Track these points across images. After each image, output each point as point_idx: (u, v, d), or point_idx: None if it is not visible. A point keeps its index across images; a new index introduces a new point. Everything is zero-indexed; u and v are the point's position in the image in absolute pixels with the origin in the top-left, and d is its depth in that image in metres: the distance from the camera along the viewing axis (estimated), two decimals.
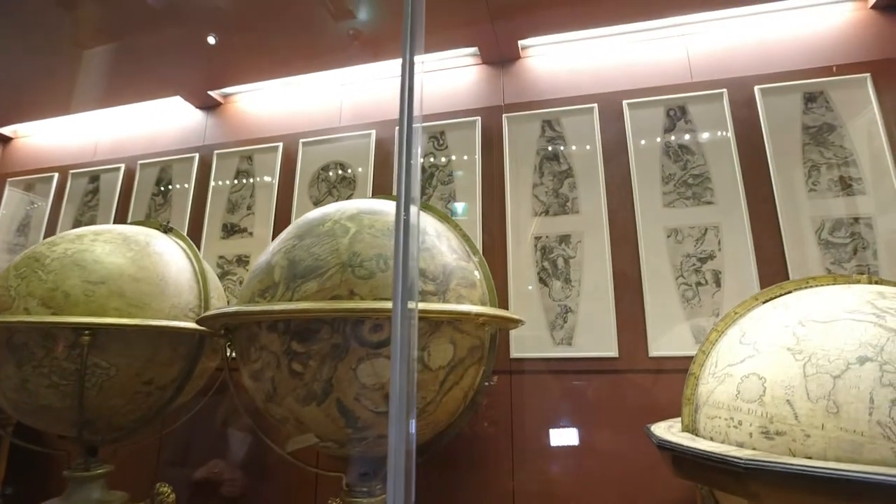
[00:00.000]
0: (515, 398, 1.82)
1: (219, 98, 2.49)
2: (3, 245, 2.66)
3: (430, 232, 1.31)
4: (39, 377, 1.46)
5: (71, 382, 1.46)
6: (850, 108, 1.79)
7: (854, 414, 0.89)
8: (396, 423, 0.76)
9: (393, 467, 0.75)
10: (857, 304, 1.04)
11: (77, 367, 1.45)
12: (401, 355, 0.79)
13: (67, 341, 1.46)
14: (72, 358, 1.46)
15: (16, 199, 2.78)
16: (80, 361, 1.44)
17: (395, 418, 0.77)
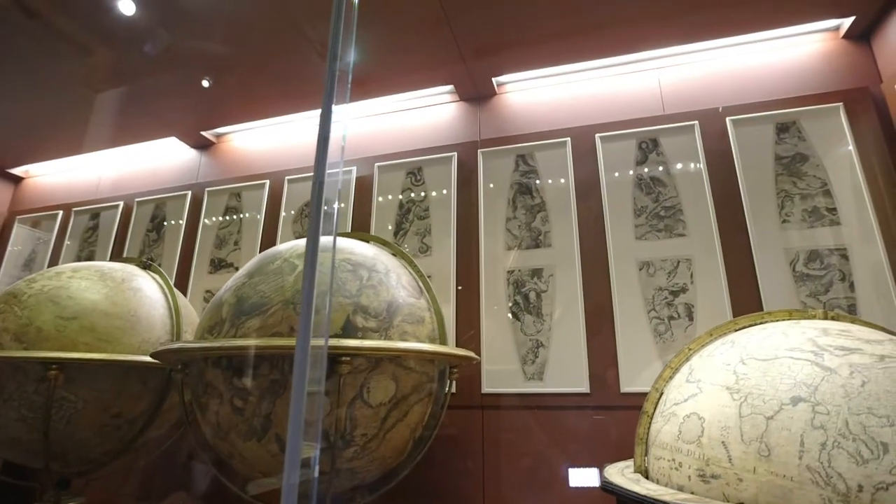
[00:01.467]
0: (487, 433, 1.79)
1: (212, 138, 2.61)
2: (10, 279, 2.79)
3: (378, 269, 1.32)
4: (9, 410, 1.51)
5: (39, 415, 1.50)
6: (824, 137, 1.76)
7: (784, 457, 0.85)
8: (291, 459, 0.77)
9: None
10: (799, 342, 1.01)
11: (45, 400, 1.49)
12: (295, 393, 0.80)
13: (37, 375, 1.51)
14: (40, 391, 1.50)
15: (24, 235, 2.92)
16: (47, 395, 1.48)
17: (290, 456, 0.77)
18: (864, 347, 0.94)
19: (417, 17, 1.84)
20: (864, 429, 0.81)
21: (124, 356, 1.53)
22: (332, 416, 1.13)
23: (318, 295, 1.22)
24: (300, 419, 0.82)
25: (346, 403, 1.15)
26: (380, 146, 2.30)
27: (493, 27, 1.86)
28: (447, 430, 1.82)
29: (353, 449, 1.18)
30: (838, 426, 0.83)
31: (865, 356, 0.92)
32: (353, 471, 1.22)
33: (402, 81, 2.16)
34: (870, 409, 0.83)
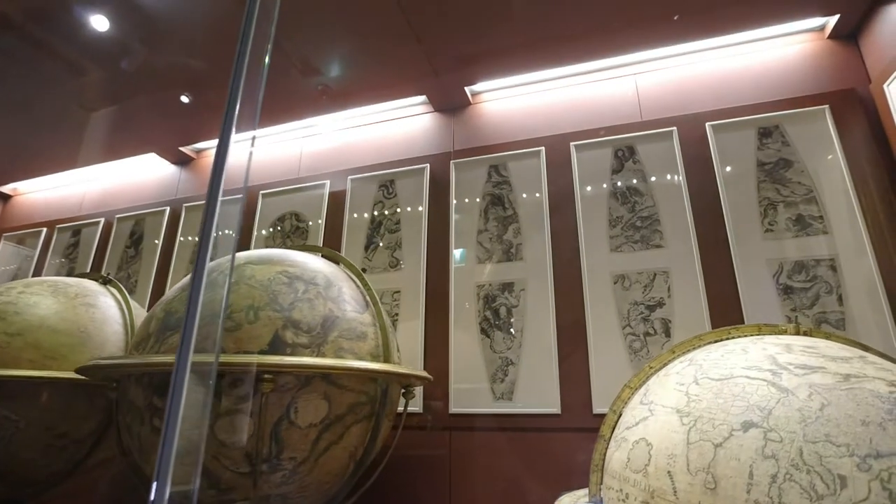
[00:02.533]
0: (455, 456, 1.69)
1: (191, 153, 2.60)
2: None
3: (318, 282, 1.25)
4: None
5: None
6: (809, 141, 1.66)
7: (731, 490, 0.74)
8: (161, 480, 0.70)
9: None
10: (758, 360, 0.90)
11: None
12: (171, 414, 0.73)
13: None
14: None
15: (10, 252, 2.93)
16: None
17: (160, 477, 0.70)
18: (827, 366, 0.83)
19: (383, 29, 1.81)
20: (821, 459, 0.70)
21: (64, 373, 1.48)
22: (254, 437, 1.05)
23: (245, 310, 1.16)
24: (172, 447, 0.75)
25: (271, 424, 1.07)
26: (354, 159, 2.26)
27: (463, 37, 1.81)
28: (414, 451, 1.73)
29: (282, 473, 1.10)
30: (791, 456, 0.72)
31: (828, 375, 0.81)
32: (284, 497, 1.13)
33: (374, 93, 2.12)
34: (828, 437, 0.72)
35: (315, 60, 2.09)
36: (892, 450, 0.69)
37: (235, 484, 1.08)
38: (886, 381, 0.78)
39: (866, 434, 0.71)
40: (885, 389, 0.77)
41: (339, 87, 2.14)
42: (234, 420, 1.06)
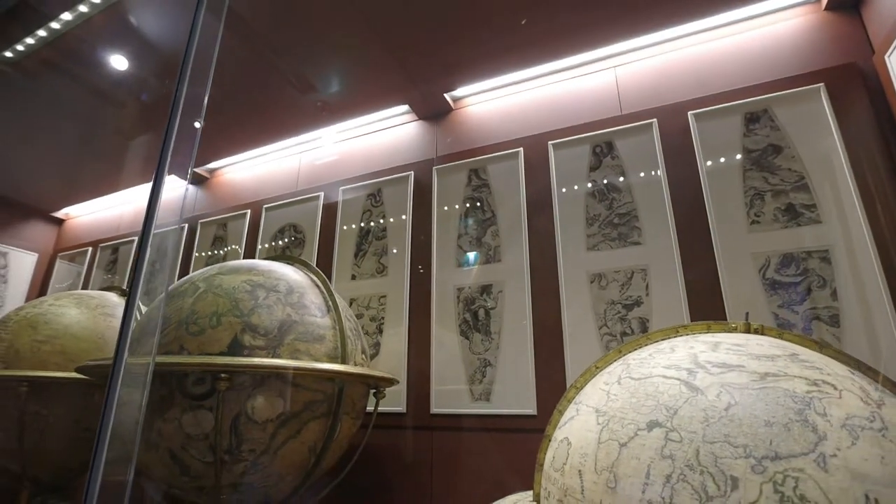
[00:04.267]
0: (436, 455, 1.70)
1: (205, 173, 2.76)
2: None
3: (280, 289, 1.31)
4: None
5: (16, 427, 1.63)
6: (801, 124, 1.56)
7: (629, 490, 0.72)
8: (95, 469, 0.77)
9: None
10: (680, 359, 0.87)
11: (19, 413, 1.62)
12: (106, 408, 0.81)
13: (14, 392, 1.63)
14: (17, 406, 1.63)
15: (64, 269, 3.23)
16: (20, 409, 1.61)
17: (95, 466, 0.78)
18: (748, 364, 0.79)
19: (361, 45, 1.87)
20: (716, 460, 0.67)
21: (70, 374, 1.62)
22: (214, 431, 1.12)
23: (209, 316, 1.23)
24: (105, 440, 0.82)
25: (230, 419, 1.13)
26: (345, 170, 2.33)
27: (437, 46, 1.84)
28: (397, 450, 1.76)
29: (244, 464, 1.16)
30: (688, 456, 0.70)
31: (745, 374, 0.77)
32: (249, 485, 1.19)
33: (359, 106, 2.18)
34: (727, 437, 0.69)
35: (302, 79, 2.19)
36: (791, 452, 0.65)
37: (203, 472, 1.15)
38: (808, 381, 0.74)
39: (768, 435, 0.67)
40: (803, 389, 0.72)
41: (326, 102, 2.23)
42: (197, 415, 1.13)
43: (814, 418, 0.68)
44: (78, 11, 1.84)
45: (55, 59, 2.23)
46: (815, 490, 0.61)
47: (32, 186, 2.99)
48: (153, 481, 1.24)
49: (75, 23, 1.90)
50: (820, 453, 0.64)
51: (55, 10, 1.92)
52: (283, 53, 2.09)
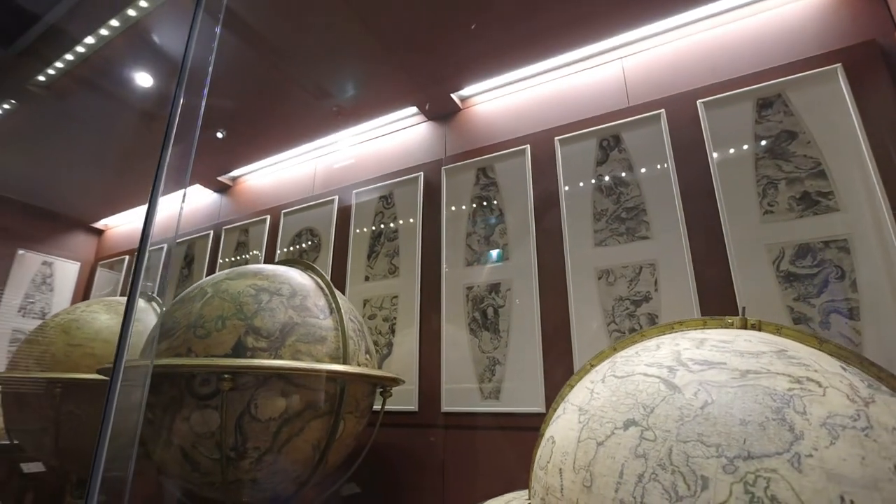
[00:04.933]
0: (448, 452, 1.72)
1: (228, 181, 2.87)
2: None
3: (283, 292, 1.35)
4: (33, 421, 1.77)
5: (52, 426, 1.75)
6: (817, 108, 1.48)
7: (603, 489, 0.72)
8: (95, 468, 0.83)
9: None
10: (663, 356, 0.85)
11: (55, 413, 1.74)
12: (107, 408, 0.87)
13: (50, 393, 1.75)
14: (53, 406, 1.75)
15: (104, 277, 3.42)
16: (55, 408, 1.73)
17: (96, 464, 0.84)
18: (730, 361, 0.77)
19: (364, 49, 1.90)
20: (687, 459, 0.66)
21: (96, 376, 1.71)
22: (220, 429, 1.17)
23: (215, 319, 1.29)
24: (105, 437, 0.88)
25: (235, 417, 1.18)
26: (359, 174, 2.37)
27: (442, 47, 1.85)
28: (410, 447, 1.79)
29: (249, 460, 1.20)
30: (660, 455, 0.69)
31: (725, 371, 0.75)
32: (256, 481, 1.24)
33: (367, 110, 2.22)
34: (700, 436, 0.67)
35: (316, 86, 2.24)
36: (765, 451, 0.63)
37: (212, 469, 1.21)
38: (791, 378, 0.71)
39: (742, 434, 0.65)
40: (784, 386, 0.70)
41: (342, 107, 2.27)
42: (204, 414, 1.19)
43: (792, 417, 0.65)
44: (99, 35, 1.95)
45: (87, 79, 2.36)
46: (788, 491, 0.59)
47: (74, 199, 3.18)
48: (170, 478, 1.31)
49: (99, 45, 2.01)
50: (795, 453, 0.62)
51: (81, 33, 2.04)
52: (297, 63, 2.14)
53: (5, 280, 2.74)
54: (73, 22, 2.01)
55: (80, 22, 2.01)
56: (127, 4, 1.88)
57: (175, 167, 2.78)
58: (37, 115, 2.47)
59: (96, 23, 2.01)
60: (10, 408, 1.86)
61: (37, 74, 2.20)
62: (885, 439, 0.62)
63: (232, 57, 2.20)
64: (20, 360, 1.82)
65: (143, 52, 2.24)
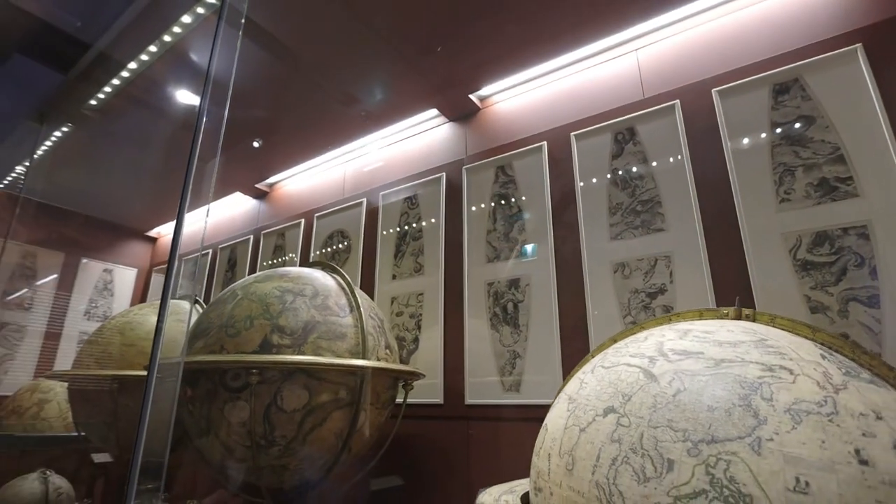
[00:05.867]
0: (472, 443, 1.79)
1: (265, 188, 3.04)
2: None
3: (306, 293, 1.46)
4: (97, 416, 1.98)
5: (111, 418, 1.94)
6: (835, 91, 1.44)
7: (582, 472, 0.77)
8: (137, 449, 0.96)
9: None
10: (648, 347, 0.88)
11: (113, 406, 1.93)
12: (144, 400, 0.99)
13: (108, 388, 1.95)
14: (112, 400, 1.95)
15: (158, 282, 3.70)
16: (113, 402, 1.92)
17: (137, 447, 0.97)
18: (707, 351, 0.80)
19: (385, 55, 1.99)
20: (656, 444, 0.70)
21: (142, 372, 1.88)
22: (251, 419, 1.29)
23: (244, 319, 1.41)
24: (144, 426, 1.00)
25: (263, 409, 1.30)
26: (385, 176, 2.46)
27: (457, 52, 1.91)
28: (437, 438, 1.87)
29: (277, 448, 1.32)
30: (633, 440, 0.73)
31: (701, 361, 0.78)
32: (284, 467, 1.35)
33: (391, 114, 2.31)
34: (670, 422, 0.71)
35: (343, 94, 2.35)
36: (727, 436, 0.67)
37: (245, 455, 1.33)
38: (763, 366, 0.74)
39: (709, 420, 0.69)
40: (755, 374, 0.73)
41: (370, 112, 2.38)
42: (236, 405, 1.31)
43: (758, 403, 0.68)
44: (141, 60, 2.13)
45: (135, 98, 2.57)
46: (746, 472, 0.63)
47: (130, 211, 3.46)
48: (211, 464, 1.44)
49: (142, 68, 2.19)
50: (756, 437, 0.65)
51: (127, 57, 2.24)
52: (325, 73, 2.26)
53: (72, 286, 3.03)
54: (119, 48, 2.21)
55: (126, 47, 2.21)
56: (164, 30, 2.04)
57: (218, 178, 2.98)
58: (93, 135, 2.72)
59: (139, 47, 2.20)
60: (76, 403, 2.07)
61: (90, 98, 2.42)
62: (849, 424, 0.64)
63: (265, 72, 2.35)
64: (83, 359, 2.03)
65: (183, 70, 2.41)
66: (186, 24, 1.92)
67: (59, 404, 2.44)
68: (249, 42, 2.17)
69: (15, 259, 2.91)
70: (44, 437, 2.36)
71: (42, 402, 2.44)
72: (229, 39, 1.65)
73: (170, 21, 1.94)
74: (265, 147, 2.78)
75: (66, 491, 2.31)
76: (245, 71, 2.42)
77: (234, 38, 1.79)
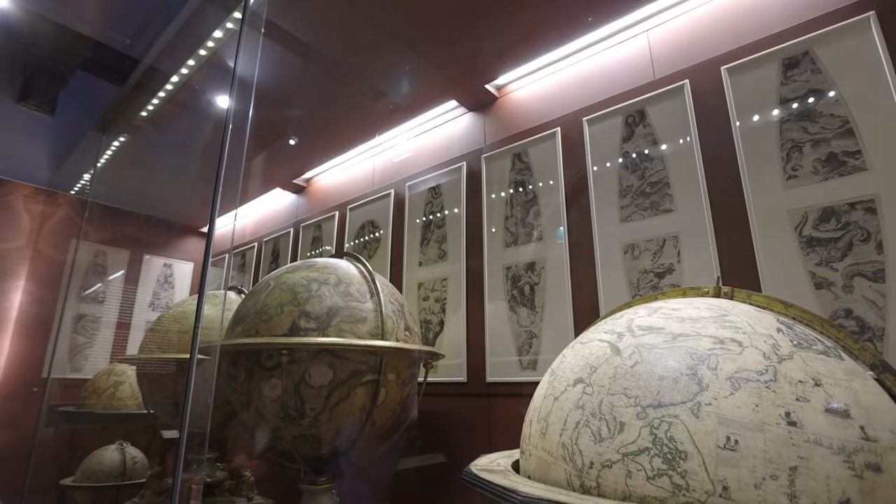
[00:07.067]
0: (493, 419, 1.90)
1: (302, 183, 3.23)
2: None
3: (330, 281, 1.60)
4: (161, 394, 2.24)
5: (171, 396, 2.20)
6: (846, 62, 1.41)
7: (553, 435, 0.87)
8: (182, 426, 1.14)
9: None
10: (620, 324, 0.96)
11: (173, 386, 2.18)
12: (187, 380, 1.17)
13: (168, 370, 2.20)
14: (172, 380, 2.20)
15: (212, 273, 4.02)
16: (174, 383, 2.17)
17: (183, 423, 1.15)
18: (668, 326, 0.87)
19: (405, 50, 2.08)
20: (612, 409, 0.79)
21: None
22: (283, 394, 1.46)
23: (276, 307, 1.57)
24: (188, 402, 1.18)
25: (294, 385, 1.46)
26: (410, 168, 2.58)
27: (472, 43, 1.98)
28: (460, 414, 1.99)
29: (308, 419, 1.48)
30: (594, 406, 0.82)
31: (661, 335, 0.85)
32: (315, 436, 1.52)
33: (413, 108, 2.41)
34: (625, 390, 0.80)
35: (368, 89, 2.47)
36: (672, 401, 0.74)
37: (280, 426, 1.50)
38: (715, 340, 0.80)
39: (658, 387, 0.77)
40: (706, 347, 0.79)
41: (398, 104, 2.49)
42: (270, 382, 1.48)
43: (703, 372, 0.75)
44: (182, 74, 2.33)
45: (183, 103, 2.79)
46: (684, 433, 0.70)
47: (186, 210, 3.77)
48: (253, 434, 1.63)
49: (184, 79, 2.40)
50: (697, 402, 0.72)
51: (172, 68, 2.45)
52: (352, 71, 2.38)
53: (137, 280, 3.37)
54: (164, 61, 2.42)
55: (169, 61, 2.41)
56: (200, 43, 2.22)
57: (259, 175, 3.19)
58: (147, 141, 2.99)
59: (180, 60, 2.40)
60: (143, 384, 2.35)
61: (143, 108, 2.67)
62: (784, 391, 0.70)
63: (298, 75, 2.50)
64: (146, 346, 2.29)
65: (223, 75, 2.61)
66: (218, 38, 2.09)
67: (132, 385, 2.75)
68: (281, 48, 2.33)
69: (88, 258, 3.27)
70: (120, 415, 2.68)
71: (117, 384, 2.76)
72: (255, 48, 1.80)
73: (204, 36, 2.12)
74: (301, 144, 2.96)
75: (140, 460, 2.62)
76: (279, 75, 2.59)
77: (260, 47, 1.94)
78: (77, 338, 3.23)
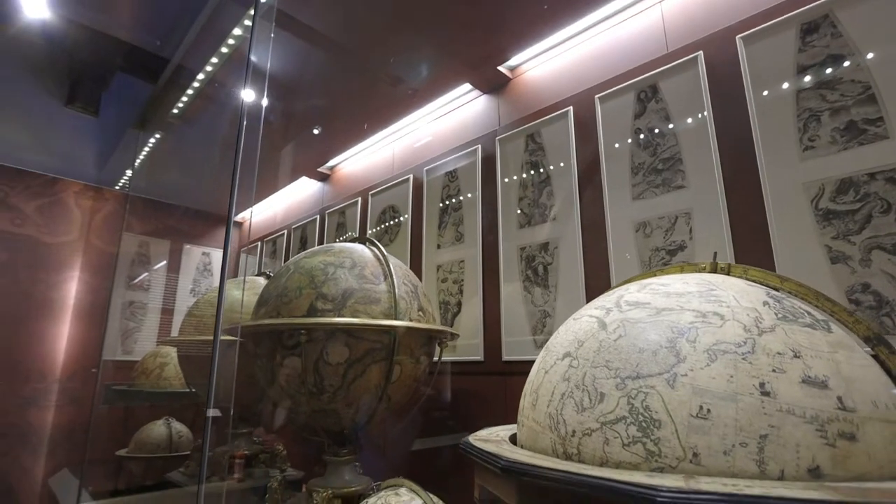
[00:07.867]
0: (509, 396, 1.94)
1: (327, 171, 3.32)
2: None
3: (345, 265, 1.67)
4: (200, 374, 2.39)
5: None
6: (870, 23, 1.34)
7: (542, 406, 0.90)
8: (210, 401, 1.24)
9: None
10: (610, 300, 0.97)
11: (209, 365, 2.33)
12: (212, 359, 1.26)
13: (204, 351, 2.34)
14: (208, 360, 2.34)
15: (243, 260, 4.20)
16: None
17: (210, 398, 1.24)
18: (654, 301, 0.88)
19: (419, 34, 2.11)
20: (594, 380, 0.82)
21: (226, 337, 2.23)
22: (304, 371, 1.54)
23: (295, 290, 1.65)
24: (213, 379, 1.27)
25: (313, 362, 1.54)
26: (427, 153, 2.61)
27: (480, 24, 1.98)
28: (479, 391, 2.05)
29: (327, 395, 1.57)
30: (578, 378, 0.85)
31: (646, 310, 0.87)
32: (335, 411, 1.61)
33: (429, 93, 2.43)
34: (607, 363, 0.82)
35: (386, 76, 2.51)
36: (650, 372, 0.76)
37: (302, 401, 1.60)
38: (697, 313, 0.82)
39: (638, 360, 0.79)
40: (687, 320, 0.81)
41: (416, 89, 2.52)
42: (291, 360, 1.57)
43: (682, 345, 0.76)
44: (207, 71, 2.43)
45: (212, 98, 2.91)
46: (659, 402, 0.72)
47: (221, 200, 3.94)
48: (277, 406, 1.74)
49: (209, 76, 2.50)
50: (673, 373, 0.74)
51: (199, 65, 2.56)
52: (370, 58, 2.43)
53: (178, 269, 3.57)
54: (192, 59, 2.52)
55: (197, 59, 2.52)
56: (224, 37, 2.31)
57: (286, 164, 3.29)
58: (182, 136, 3.13)
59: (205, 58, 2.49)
60: (184, 365, 2.51)
61: (176, 104, 2.80)
62: (761, 362, 0.71)
63: (319, 66, 2.57)
64: (185, 329, 2.44)
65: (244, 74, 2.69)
66: (238, 35, 2.17)
67: (175, 366, 2.95)
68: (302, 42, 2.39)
69: (133, 248, 3.48)
70: (165, 393, 2.88)
71: (162, 365, 2.96)
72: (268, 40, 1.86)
73: (226, 32, 2.20)
74: (325, 133, 3.04)
75: (185, 434, 2.81)
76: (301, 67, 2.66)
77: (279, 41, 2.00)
78: (127, 323, 3.46)
